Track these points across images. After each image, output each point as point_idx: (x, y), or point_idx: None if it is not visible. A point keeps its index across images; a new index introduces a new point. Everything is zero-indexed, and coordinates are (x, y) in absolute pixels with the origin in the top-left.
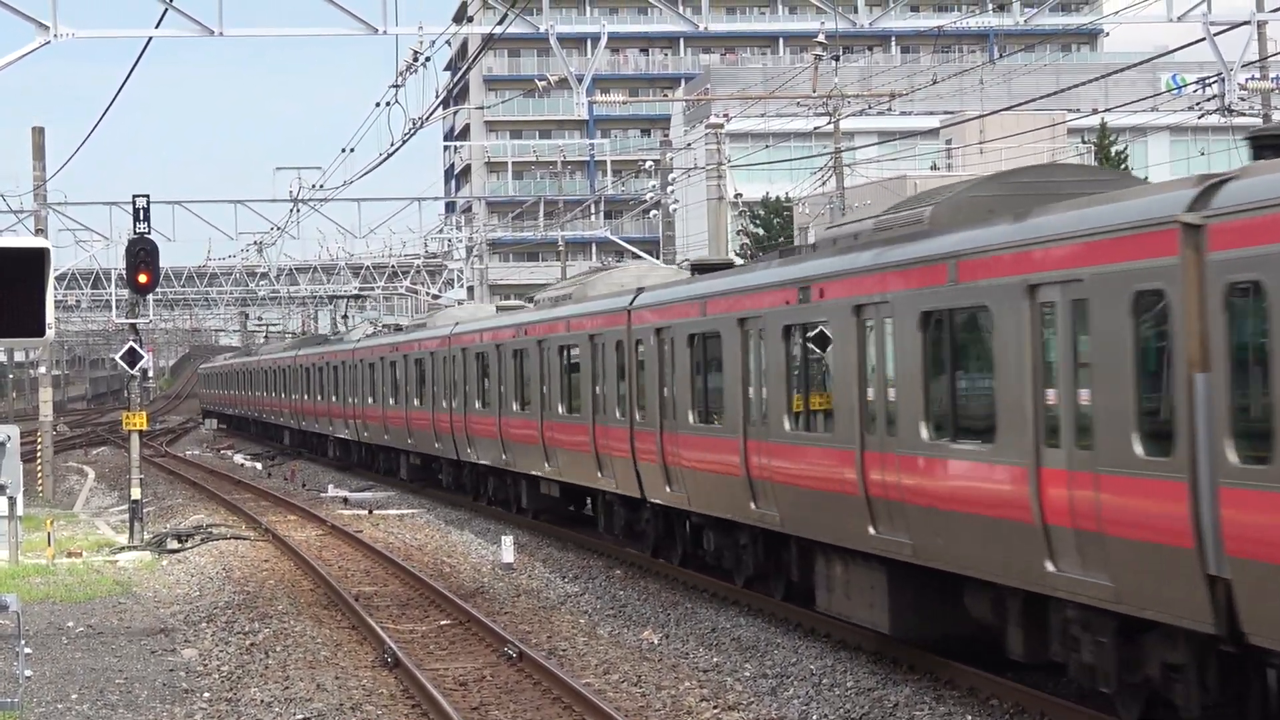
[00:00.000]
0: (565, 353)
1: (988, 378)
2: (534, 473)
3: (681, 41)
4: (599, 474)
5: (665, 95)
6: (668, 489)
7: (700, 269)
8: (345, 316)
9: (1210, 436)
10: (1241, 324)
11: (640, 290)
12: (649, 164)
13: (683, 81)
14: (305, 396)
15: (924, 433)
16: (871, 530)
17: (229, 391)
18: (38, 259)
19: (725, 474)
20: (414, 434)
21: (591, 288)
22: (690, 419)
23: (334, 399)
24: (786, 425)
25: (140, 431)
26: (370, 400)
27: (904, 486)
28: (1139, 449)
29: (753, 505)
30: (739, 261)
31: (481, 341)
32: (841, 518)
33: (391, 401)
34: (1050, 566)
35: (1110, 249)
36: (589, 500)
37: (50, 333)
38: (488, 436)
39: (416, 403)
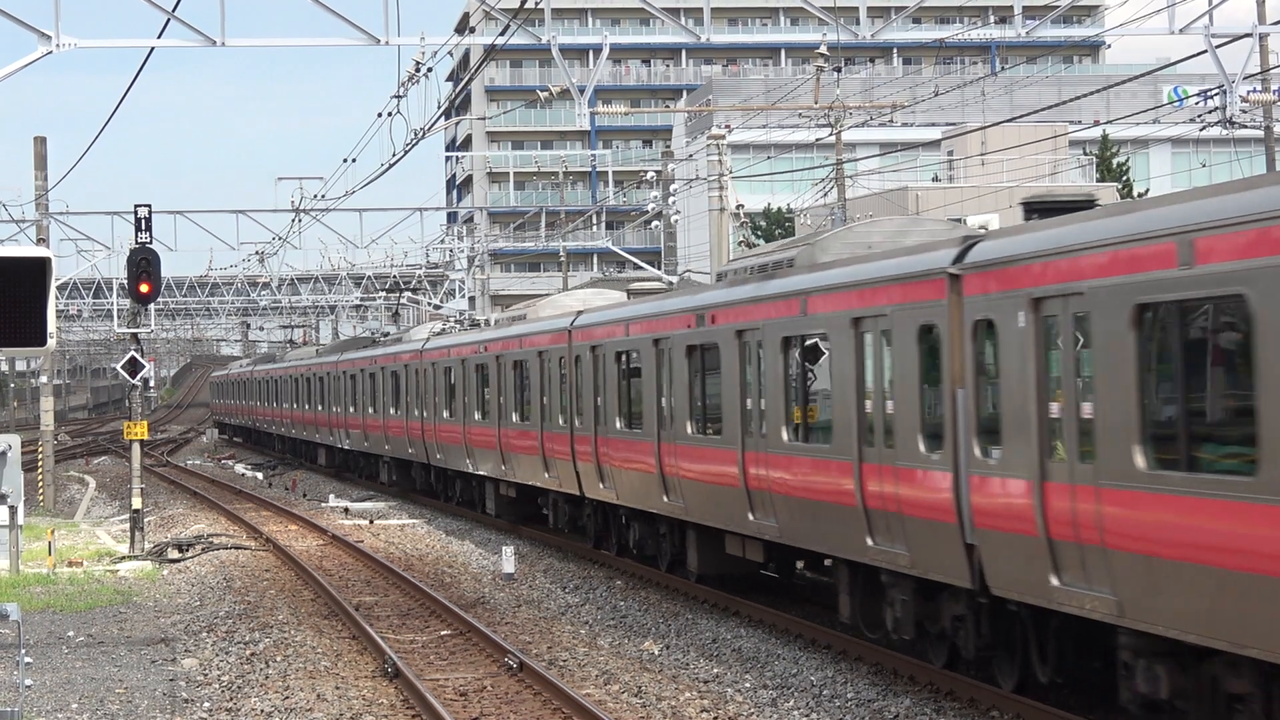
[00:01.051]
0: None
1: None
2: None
3: (684, 53)
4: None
5: (667, 106)
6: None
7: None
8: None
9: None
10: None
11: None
12: (651, 175)
13: (685, 93)
14: (351, 408)
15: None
16: (665, 498)
17: (247, 402)
18: (39, 268)
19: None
20: (441, 446)
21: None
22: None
23: (388, 411)
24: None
25: (141, 441)
26: (446, 414)
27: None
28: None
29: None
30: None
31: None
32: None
33: (447, 414)
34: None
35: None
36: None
37: (52, 342)
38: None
39: (446, 414)
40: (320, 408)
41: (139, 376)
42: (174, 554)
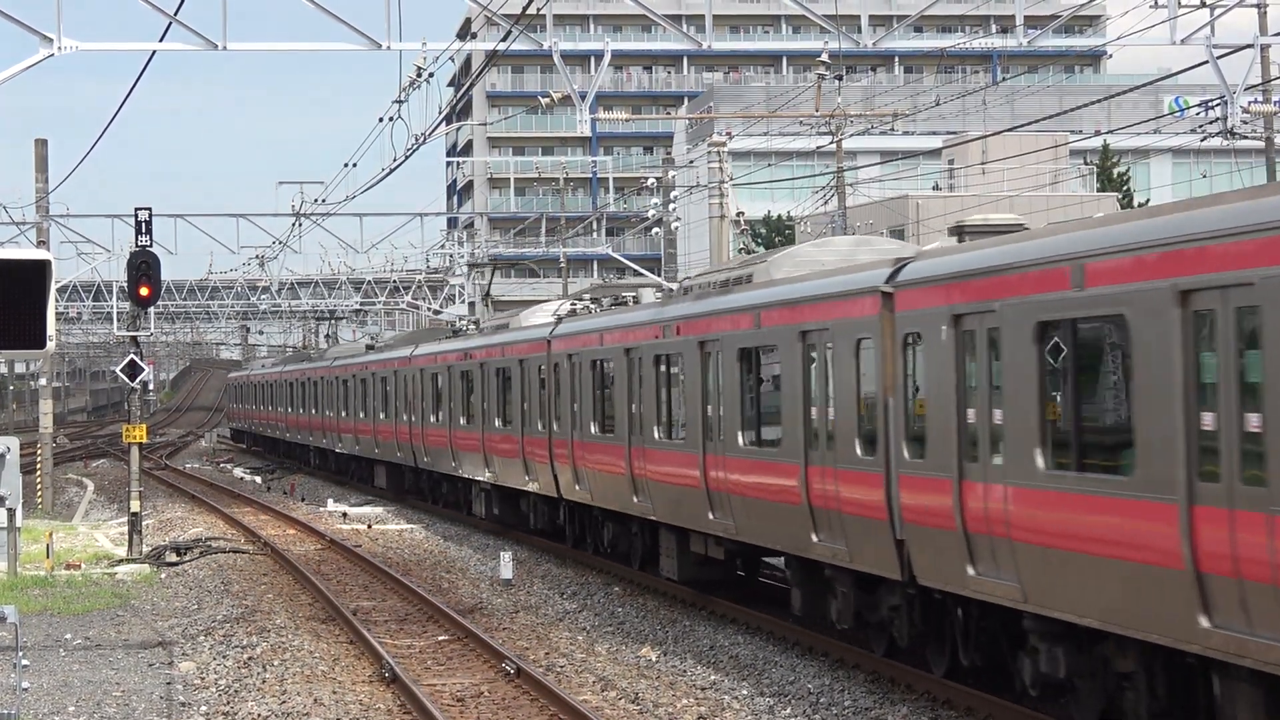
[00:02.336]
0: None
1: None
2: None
3: (685, 60)
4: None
5: (668, 113)
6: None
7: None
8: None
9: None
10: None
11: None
12: (651, 181)
13: (686, 99)
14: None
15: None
16: (635, 499)
17: (275, 409)
18: (39, 271)
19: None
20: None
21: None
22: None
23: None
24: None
25: (140, 444)
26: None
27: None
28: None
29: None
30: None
31: (436, 363)
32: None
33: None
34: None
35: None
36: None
37: (51, 345)
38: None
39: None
40: (364, 414)
41: (138, 380)
42: (172, 557)
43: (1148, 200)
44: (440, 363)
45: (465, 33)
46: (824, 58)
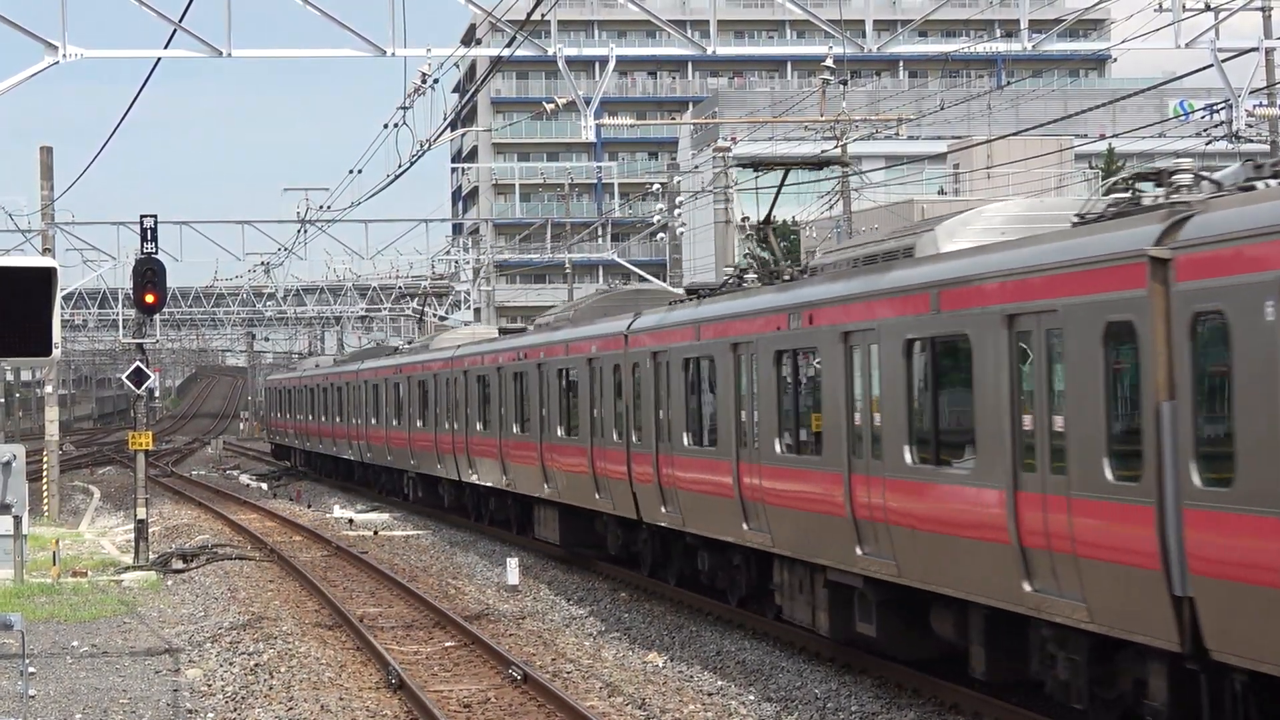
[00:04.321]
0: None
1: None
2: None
3: (689, 65)
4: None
5: (673, 118)
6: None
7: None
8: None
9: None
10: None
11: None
12: (656, 187)
13: (690, 105)
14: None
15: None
16: (746, 527)
17: (331, 421)
18: (45, 278)
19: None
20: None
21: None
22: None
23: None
24: (778, 448)
25: (146, 451)
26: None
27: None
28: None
29: (746, 526)
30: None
31: (483, 364)
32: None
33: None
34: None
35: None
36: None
37: (57, 352)
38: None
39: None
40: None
41: (144, 387)
42: (178, 564)
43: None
44: (488, 364)
45: (470, 39)
46: (828, 63)
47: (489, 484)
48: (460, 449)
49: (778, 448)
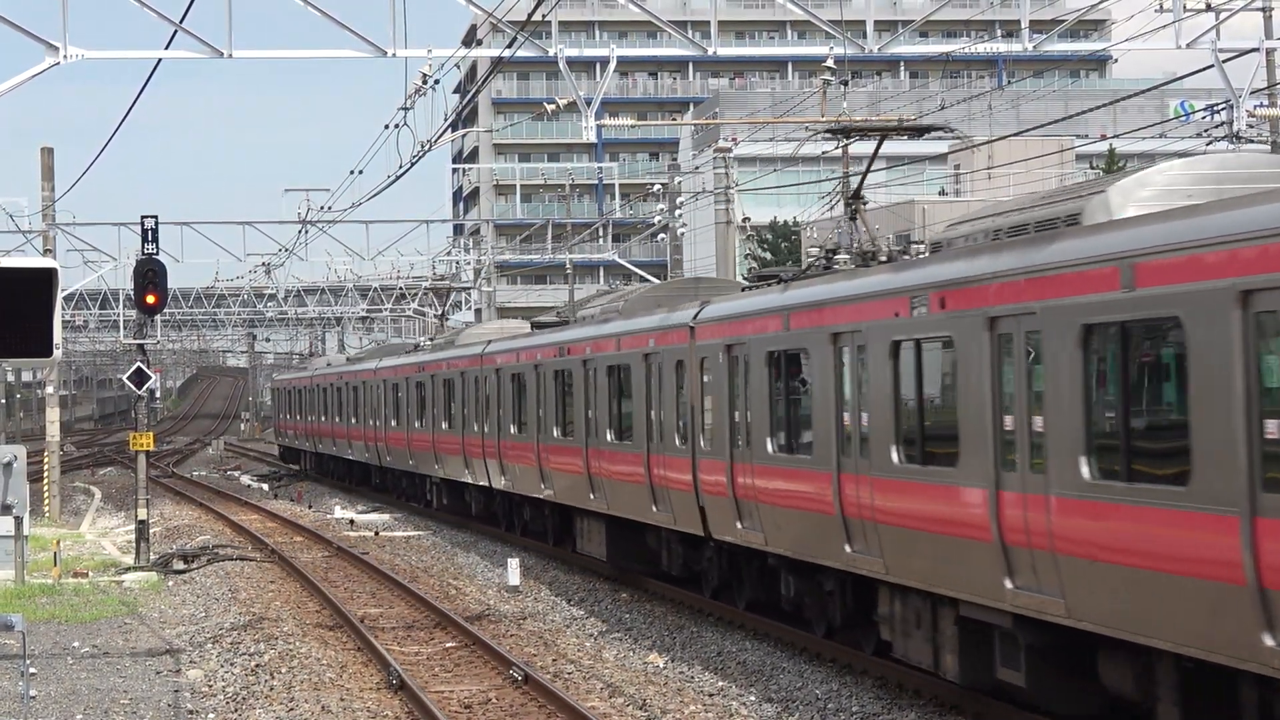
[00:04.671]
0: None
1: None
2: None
3: (690, 66)
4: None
5: (674, 119)
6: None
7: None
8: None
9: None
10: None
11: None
12: (657, 187)
13: (691, 106)
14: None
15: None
16: (849, 549)
17: (346, 422)
18: (46, 279)
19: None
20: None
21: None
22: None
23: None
24: (896, 458)
25: (147, 452)
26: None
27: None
28: (897, 458)
29: (848, 549)
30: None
31: (519, 361)
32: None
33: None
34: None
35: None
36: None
37: (58, 353)
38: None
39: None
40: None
41: (145, 388)
42: (179, 565)
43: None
44: (524, 360)
45: (471, 39)
46: (829, 63)
47: (524, 492)
48: (491, 453)
49: (894, 457)
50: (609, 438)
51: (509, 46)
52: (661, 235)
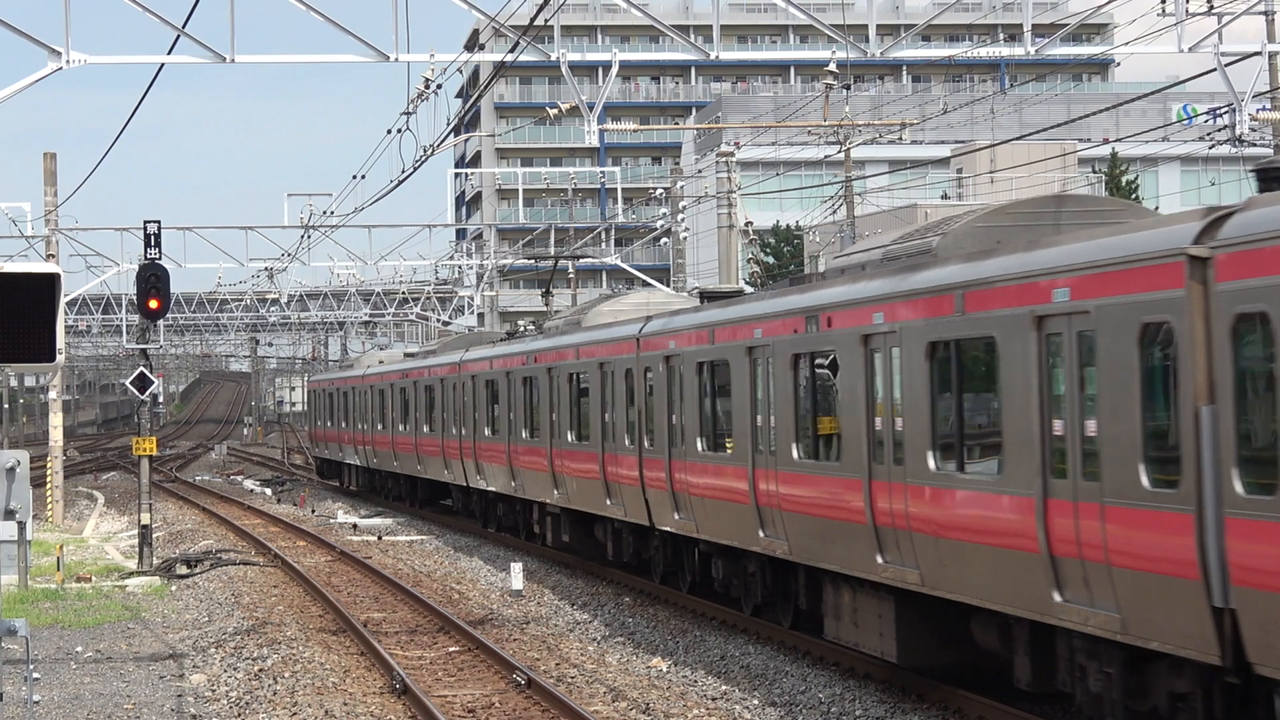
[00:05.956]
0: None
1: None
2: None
3: (693, 70)
4: (761, 533)
5: (676, 123)
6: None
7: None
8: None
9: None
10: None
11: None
12: (659, 192)
13: (694, 110)
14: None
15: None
16: (1060, 599)
17: (412, 431)
18: (49, 284)
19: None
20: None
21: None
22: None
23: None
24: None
25: (150, 457)
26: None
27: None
28: (701, 445)
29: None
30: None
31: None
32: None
33: None
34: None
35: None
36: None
37: (61, 358)
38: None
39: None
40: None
41: (148, 392)
42: (182, 569)
43: (1156, 208)
44: (738, 340)
45: (473, 44)
46: (832, 67)
47: (747, 546)
48: (658, 479)
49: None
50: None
51: (511, 51)
52: (664, 239)
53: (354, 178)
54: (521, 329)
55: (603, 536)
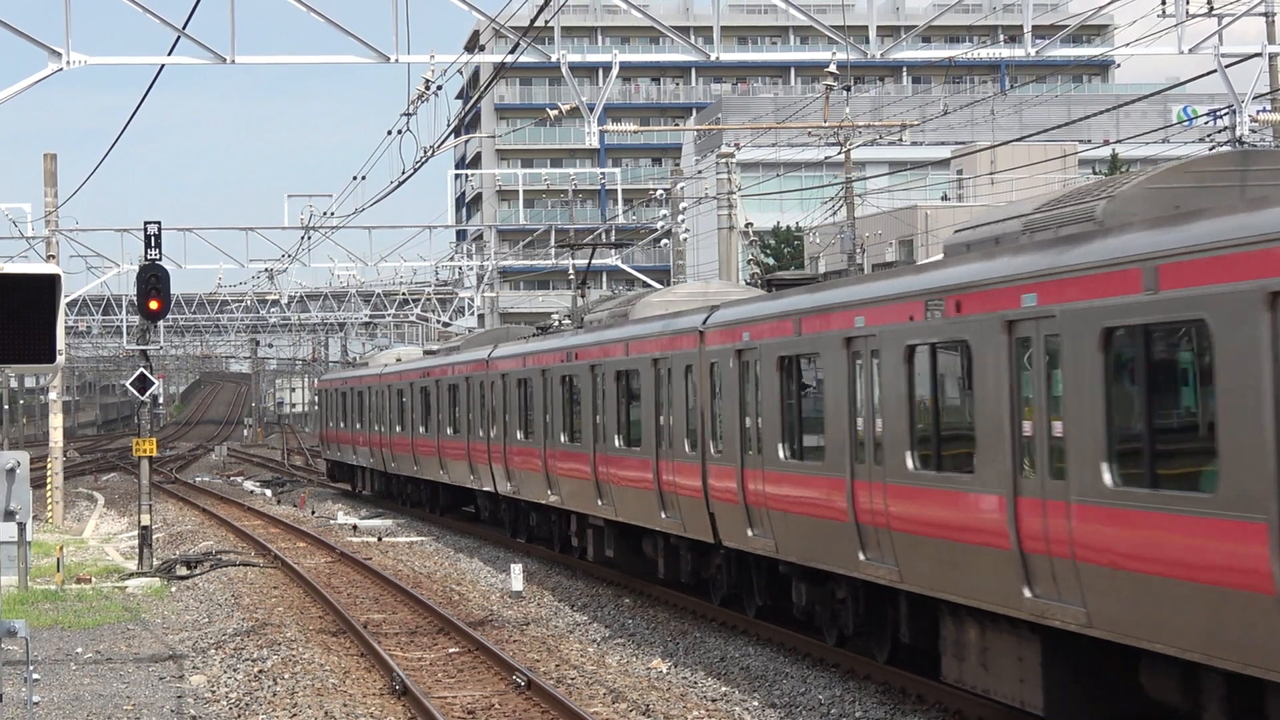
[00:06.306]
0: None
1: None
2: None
3: (693, 71)
4: (863, 555)
5: (676, 124)
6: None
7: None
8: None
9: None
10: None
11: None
12: (660, 193)
13: (694, 111)
14: None
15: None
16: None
17: (434, 433)
18: (49, 285)
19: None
20: None
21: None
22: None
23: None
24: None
25: (150, 458)
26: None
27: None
28: (783, 452)
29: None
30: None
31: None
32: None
33: None
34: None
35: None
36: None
37: (61, 359)
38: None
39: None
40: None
41: (148, 393)
42: (182, 571)
43: None
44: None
45: (473, 45)
46: (832, 68)
47: (846, 571)
48: (726, 490)
49: (780, 453)
50: (780, 454)
51: (512, 52)
52: (665, 240)
53: (354, 179)
54: (556, 323)
55: (653, 552)
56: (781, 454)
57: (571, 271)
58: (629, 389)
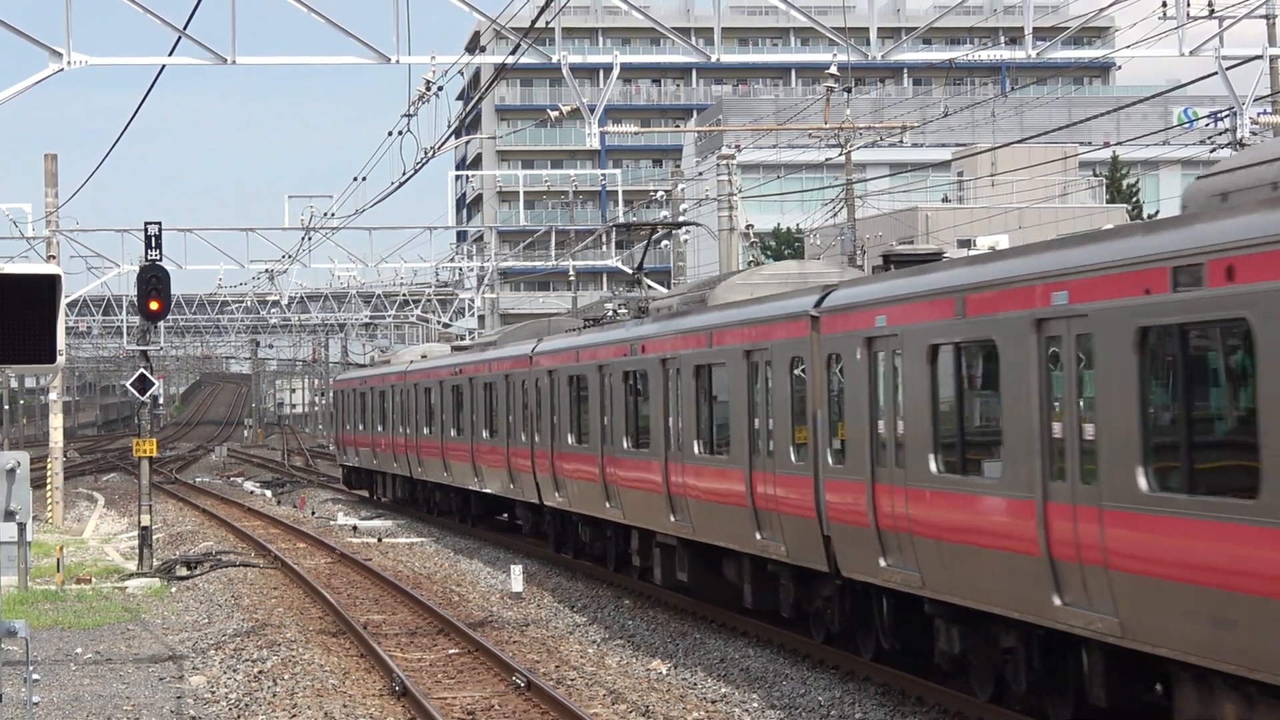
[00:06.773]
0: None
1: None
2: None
3: (694, 72)
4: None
5: (677, 126)
6: (883, 562)
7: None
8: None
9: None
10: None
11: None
12: (660, 194)
13: (695, 112)
14: None
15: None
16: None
17: (468, 437)
18: (49, 285)
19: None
20: None
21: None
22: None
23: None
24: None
25: (150, 458)
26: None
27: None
28: (936, 465)
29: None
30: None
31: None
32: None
33: None
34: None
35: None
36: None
37: (61, 359)
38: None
39: None
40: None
41: (148, 394)
42: (182, 571)
43: (1157, 212)
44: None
45: (474, 46)
46: (833, 70)
47: (1038, 618)
48: (851, 508)
49: (696, 449)
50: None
51: (512, 53)
52: (665, 242)
53: (355, 179)
54: (611, 313)
55: (737, 577)
56: (933, 466)
57: (572, 273)
58: (709, 385)
